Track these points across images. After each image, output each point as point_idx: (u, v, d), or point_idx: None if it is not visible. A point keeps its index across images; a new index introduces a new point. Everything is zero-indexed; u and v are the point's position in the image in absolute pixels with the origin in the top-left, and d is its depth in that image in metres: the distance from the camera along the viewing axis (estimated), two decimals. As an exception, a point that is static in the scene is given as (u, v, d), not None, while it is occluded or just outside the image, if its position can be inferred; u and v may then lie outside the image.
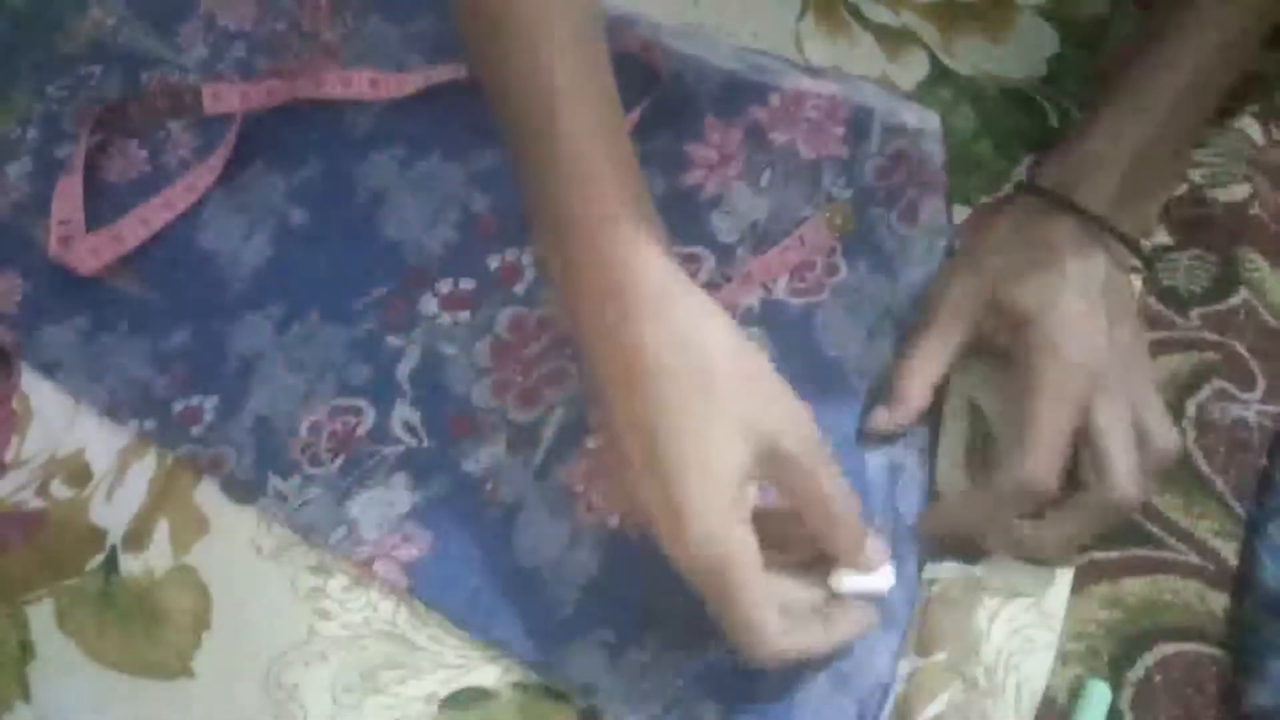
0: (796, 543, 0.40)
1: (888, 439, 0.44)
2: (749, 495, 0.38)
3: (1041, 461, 0.40)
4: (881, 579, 0.40)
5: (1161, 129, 0.43)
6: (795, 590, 0.39)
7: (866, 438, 0.44)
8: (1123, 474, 0.40)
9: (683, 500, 0.36)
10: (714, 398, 0.37)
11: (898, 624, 0.42)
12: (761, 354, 0.39)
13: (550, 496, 0.45)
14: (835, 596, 0.40)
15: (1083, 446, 0.41)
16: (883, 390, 0.45)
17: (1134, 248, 0.43)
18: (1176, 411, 0.43)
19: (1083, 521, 0.41)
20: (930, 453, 0.45)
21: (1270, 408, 0.44)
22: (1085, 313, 0.41)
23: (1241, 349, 0.45)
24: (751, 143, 0.50)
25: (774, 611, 0.37)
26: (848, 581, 0.39)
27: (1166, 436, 0.41)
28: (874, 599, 0.40)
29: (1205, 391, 0.44)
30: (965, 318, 0.43)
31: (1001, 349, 0.43)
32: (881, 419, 0.44)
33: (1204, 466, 0.43)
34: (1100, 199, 0.42)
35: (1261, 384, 0.44)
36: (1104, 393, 0.40)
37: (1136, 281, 0.46)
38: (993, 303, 0.42)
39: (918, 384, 0.44)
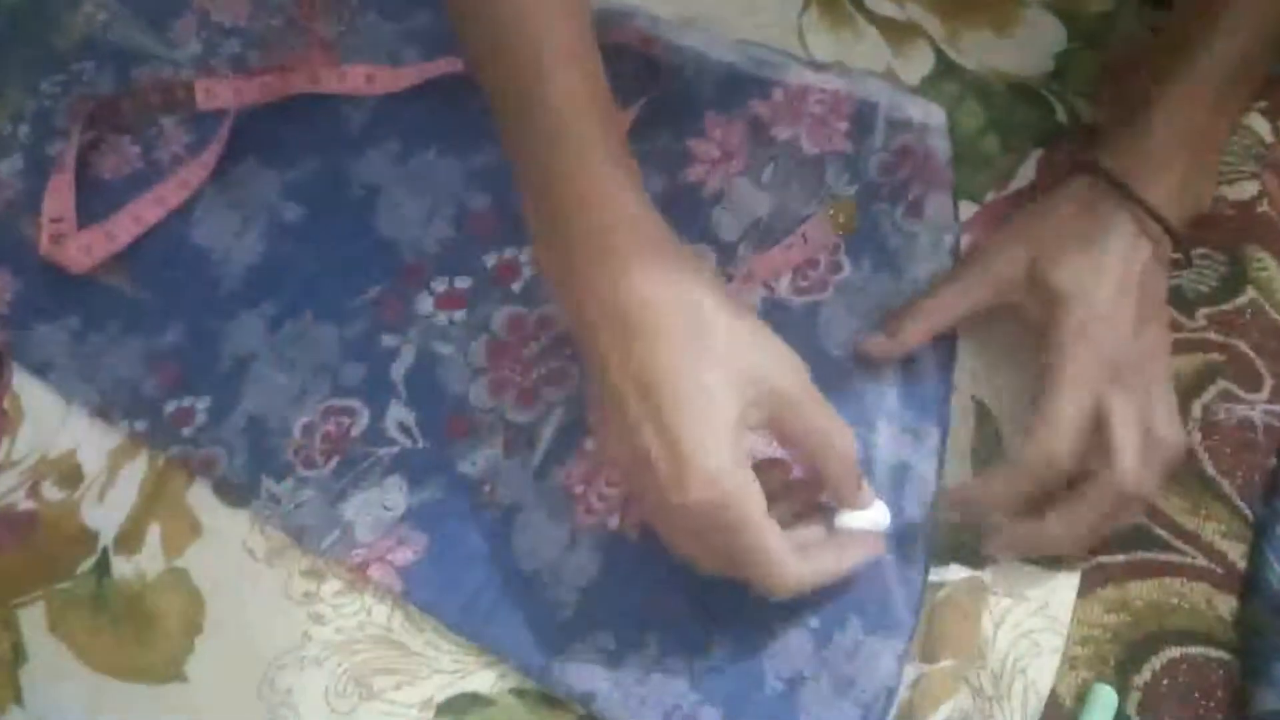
0: (788, 495, 0.41)
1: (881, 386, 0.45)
2: (746, 441, 0.39)
3: (1060, 438, 0.40)
4: (879, 514, 0.41)
5: (1214, 117, 0.43)
6: (798, 531, 0.40)
7: (856, 359, 0.45)
8: (1129, 462, 0.40)
9: (684, 442, 0.37)
10: (708, 346, 0.38)
11: (902, 628, 0.41)
12: (745, 307, 0.40)
13: (549, 498, 0.45)
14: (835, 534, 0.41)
15: (1093, 436, 0.41)
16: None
17: (1180, 244, 0.43)
18: (1182, 413, 0.43)
19: (1090, 511, 0.40)
20: (941, 454, 0.44)
21: (1277, 407, 0.43)
22: (1118, 304, 0.41)
23: (1247, 349, 0.45)
24: (753, 138, 0.49)
25: (786, 540, 0.38)
26: (847, 519, 0.41)
27: (1173, 433, 0.41)
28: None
29: (1210, 392, 0.44)
30: (997, 282, 0.44)
31: (1025, 321, 0.43)
32: (874, 344, 0.45)
33: (1210, 468, 0.43)
34: (1160, 191, 0.42)
35: (1268, 384, 0.44)
36: (1120, 385, 0.40)
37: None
38: (1032, 275, 0.43)
39: (923, 323, 0.44)
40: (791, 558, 0.38)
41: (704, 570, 0.40)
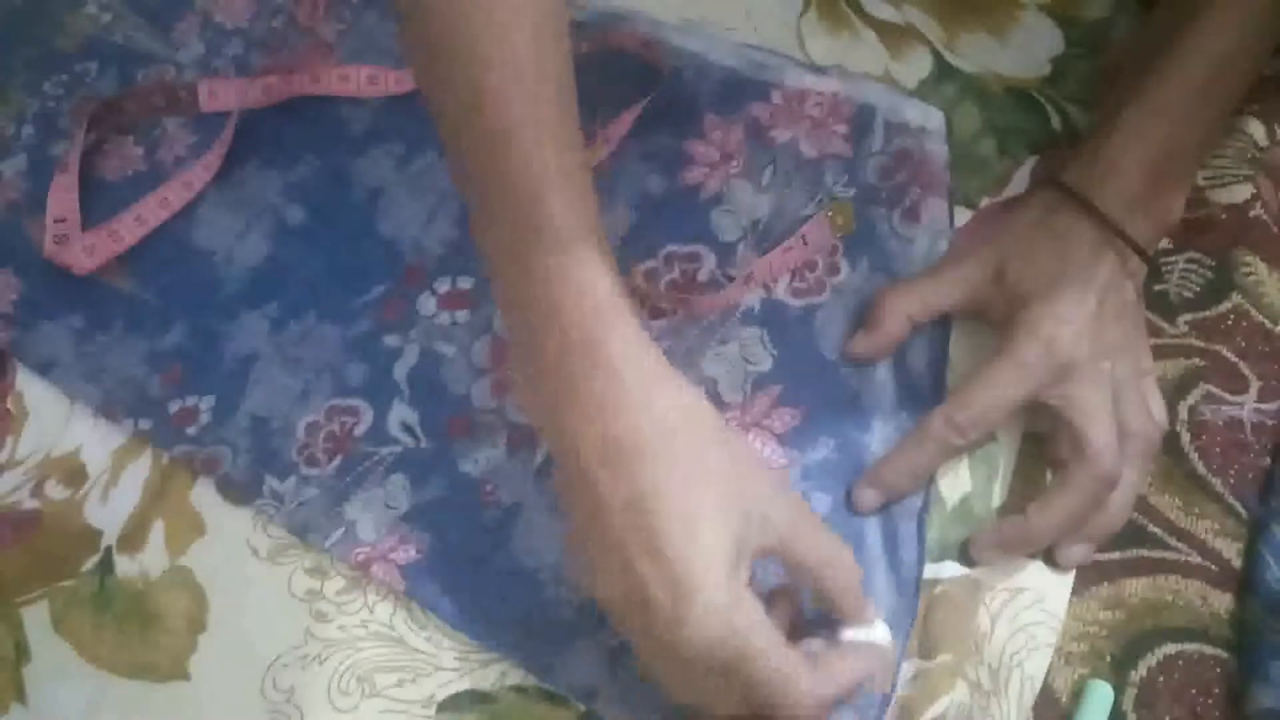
0: (779, 609, 0.40)
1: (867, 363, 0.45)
2: (746, 567, 0.37)
3: (971, 406, 0.42)
4: (881, 631, 0.40)
5: (1179, 131, 0.44)
6: (802, 644, 0.39)
7: (844, 358, 0.46)
8: (1097, 445, 0.41)
9: (682, 575, 0.35)
10: (705, 475, 0.37)
11: (898, 634, 0.41)
12: (738, 434, 0.40)
13: (550, 498, 0.45)
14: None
15: (1060, 430, 0.42)
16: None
17: (1141, 254, 0.43)
18: (1169, 415, 0.43)
19: (1067, 498, 0.41)
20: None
21: (1267, 406, 0.44)
22: (1077, 307, 0.42)
23: (1229, 354, 0.45)
24: (753, 140, 0.50)
25: (799, 657, 0.37)
26: (849, 635, 0.39)
27: (1145, 425, 0.42)
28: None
29: (1195, 395, 0.44)
30: (967, 280, 0.44)
31: (991, 322, 0.44)
32: (859, 343, 0.45)
33: (1200, 467, 0.43)
34: (1118, 203, 0.43)
35: (1255, 386, 0.44)
36: (1079, 380, 0.41)
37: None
38: (999, 277, 0.44)
39: (898, 311, 0.45)
40: (807, 678, 0.36)
41: (719, 716, 0.38)
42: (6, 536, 0.47)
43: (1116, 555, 0.43)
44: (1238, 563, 0.42)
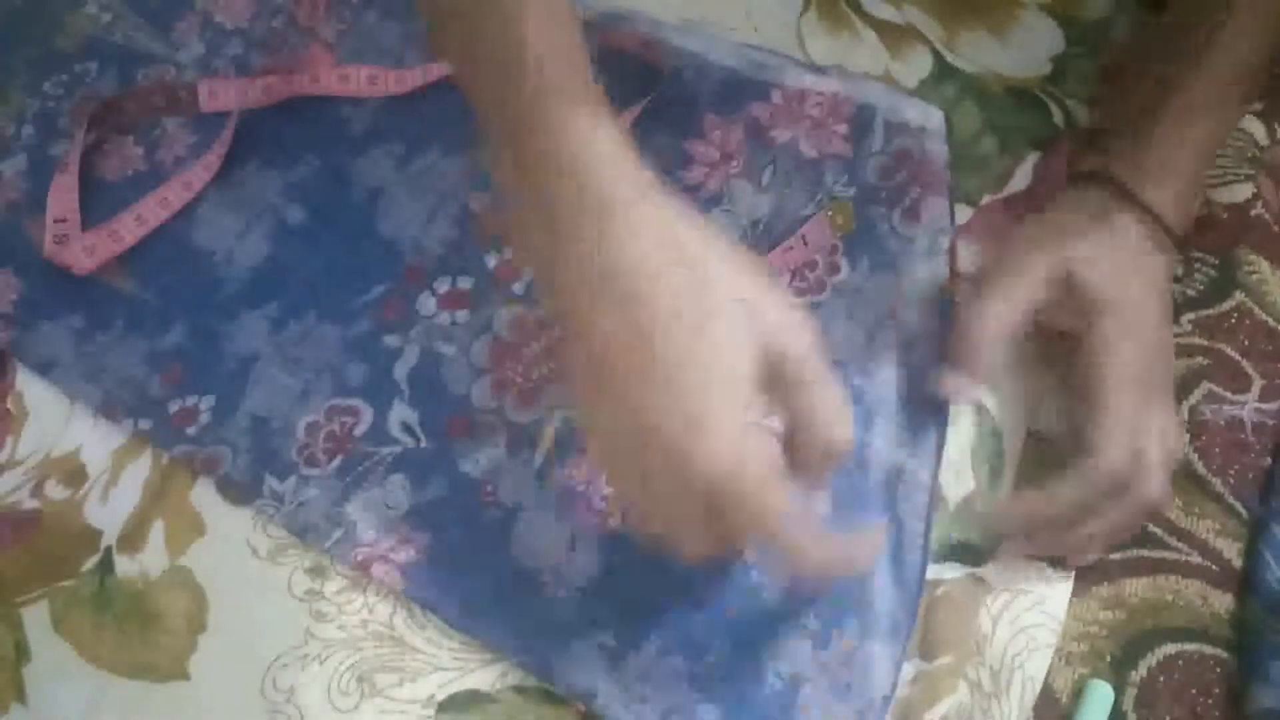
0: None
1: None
2: (758, 401, 0.36)
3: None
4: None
5: (1218, 130, 0.43)
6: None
7: (951, 401, 0.44)
8: (1161, 476, 0.40)
9: (700, 404, 0.34)
10: (711, 293, 0.35)
11: (899, 633, 0.42)
12: (753, 260, 0.38)
13: (550, 498, 0.45)
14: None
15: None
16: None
17: (1185, 253, 0.43)
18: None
19: (1121, 520, 0.41)
20: (937, 457, 0.44)
21: (1268, 405, 0.44)
22: (1150, 308, 0.42)
23: (1233, 353, 0.45)
24: (753, 140, 0.50)
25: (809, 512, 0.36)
26: None
27: (1178, 441, 0.42)
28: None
29: (1196, 395, 0.44)
30: (1037, 287, 0.42)
31: (1048, 328, 0.43)
32: (951, 385, 0.43)
33: (1200, 467, 0.43)
34: (1166, 200, 0.42)
35: (1258, 385, 0.44)
36: (1150, 395, 0.41)
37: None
38: (1070, 282, 0.42)
39: (988, 339, 0.42)
40: (816, 521, 0.36)
41: (691, 554, 0.37)
42: (6, 536, 0.47)
43: (1117, 555, 0.43)
44: (1238, 563, 0.42)
